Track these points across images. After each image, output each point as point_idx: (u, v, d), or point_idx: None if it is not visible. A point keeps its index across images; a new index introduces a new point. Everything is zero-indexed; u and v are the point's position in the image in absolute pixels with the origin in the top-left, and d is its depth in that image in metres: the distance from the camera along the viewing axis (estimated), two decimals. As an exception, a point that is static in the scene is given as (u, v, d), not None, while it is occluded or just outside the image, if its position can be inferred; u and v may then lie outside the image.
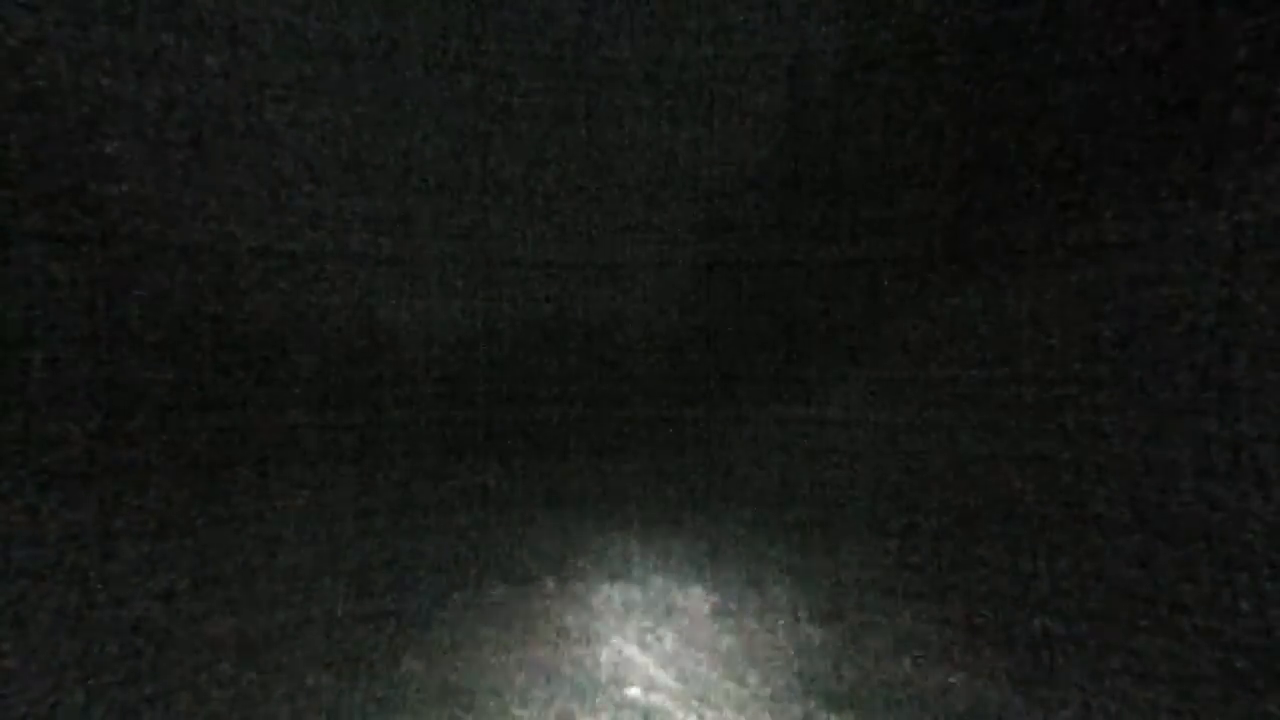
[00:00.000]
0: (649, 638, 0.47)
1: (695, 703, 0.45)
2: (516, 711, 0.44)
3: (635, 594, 0.47)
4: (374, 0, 0.40)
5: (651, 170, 0.44)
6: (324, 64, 0.40)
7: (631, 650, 0.47)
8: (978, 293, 0.41)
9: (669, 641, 0.46)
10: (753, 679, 0.45)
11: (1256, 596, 0.35)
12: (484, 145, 0.43)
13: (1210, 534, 0.36)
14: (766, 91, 0.43)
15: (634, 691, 0.46)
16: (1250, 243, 0.35)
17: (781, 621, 0.45)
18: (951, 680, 0.41)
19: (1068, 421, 0.39)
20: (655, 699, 0.46)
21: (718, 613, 0.46)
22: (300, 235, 0.41)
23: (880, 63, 0.41)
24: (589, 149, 0.44)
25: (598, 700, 0.45)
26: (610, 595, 0.47)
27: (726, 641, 0.46)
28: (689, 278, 0.45)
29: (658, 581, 0.47)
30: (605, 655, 0.46)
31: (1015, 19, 0.38)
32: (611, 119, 0.44)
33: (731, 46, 0.43)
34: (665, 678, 0.46)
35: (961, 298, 0.42)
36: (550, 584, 0.46)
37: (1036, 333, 0.40)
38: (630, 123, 0.44)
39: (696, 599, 0.47)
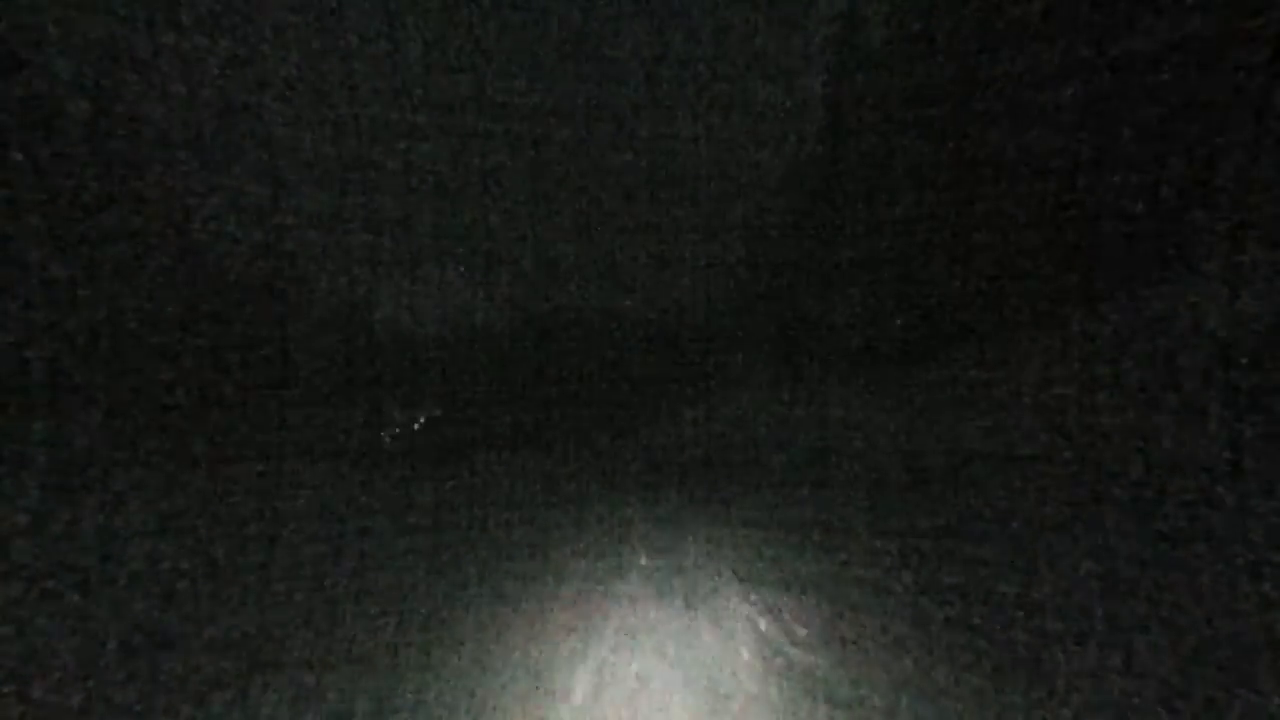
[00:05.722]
0: (649, 637, 0.47)
1: (692, 700, 0.45)
2: (517, 712, 0.44)
3: (635, 593, 0.47)
4: (374, 0, 0.40)
5: (651, 170, 0.44)
6: (324, 64, 0.40)
7: (632, 648, 0.47)
8: (977, 293, 0.41)
9: (668, 640, 0.46)
10: (753, 679, 0.45)
11: (1257, 596, 0.35)
12: (484, 145, 0.43)
13: (1210, 534, 0.36)
14: (766, 91, 0.43)
15: (633, 689, 0.46)
16: (1250, 243, 0.35)
17: (782, 622, 0.45)
18: (952, 680, 0.41)
19: (1068, 421, 0.39)
20: (654, 691, 0.46)
21: (718, 612, 0.46)
22: (300, 235, 0.41)
23: (880, 63, 0.41)
24: (589, 149, 0.44)
25: (597, 699, 0.45)
26: (610, 595, 0.47)
27: (726, 642, 0.46)
28: (689, 277, 0.45)
29: (658, 581, 0.47)
30: (605, 653, 0.46)
31: (1015, 19, 0.38)
32: (611, 119, 0.44)
33: (731, 46, 0.43)
34: (667, 676, 0.46)
35: (961, 298, 0.42)
36: (550, 584, 0.46)
37: (1036, 333, 0.40)
38: (630, 123, 0.44)
39: (696, 598, 0.47)
